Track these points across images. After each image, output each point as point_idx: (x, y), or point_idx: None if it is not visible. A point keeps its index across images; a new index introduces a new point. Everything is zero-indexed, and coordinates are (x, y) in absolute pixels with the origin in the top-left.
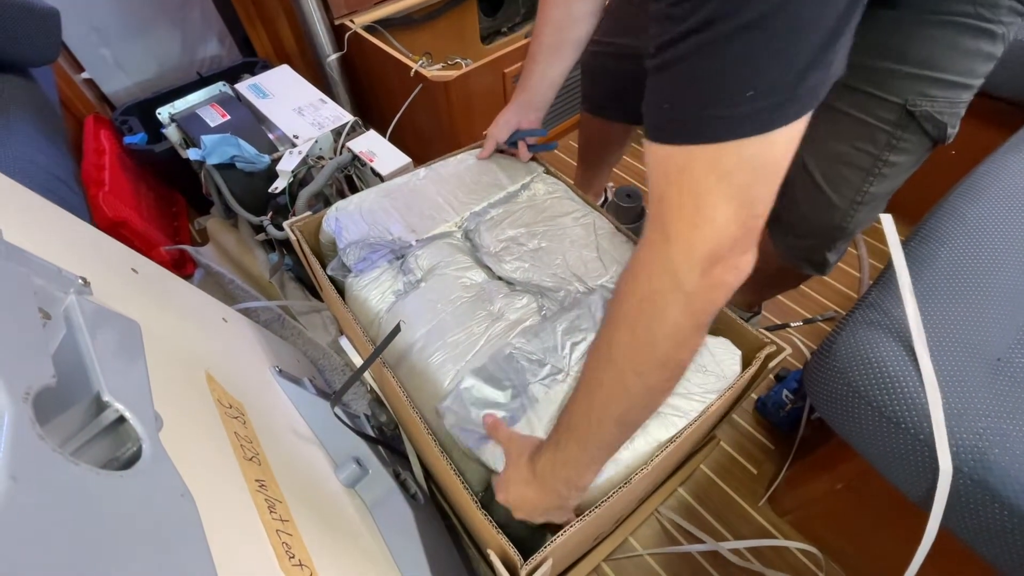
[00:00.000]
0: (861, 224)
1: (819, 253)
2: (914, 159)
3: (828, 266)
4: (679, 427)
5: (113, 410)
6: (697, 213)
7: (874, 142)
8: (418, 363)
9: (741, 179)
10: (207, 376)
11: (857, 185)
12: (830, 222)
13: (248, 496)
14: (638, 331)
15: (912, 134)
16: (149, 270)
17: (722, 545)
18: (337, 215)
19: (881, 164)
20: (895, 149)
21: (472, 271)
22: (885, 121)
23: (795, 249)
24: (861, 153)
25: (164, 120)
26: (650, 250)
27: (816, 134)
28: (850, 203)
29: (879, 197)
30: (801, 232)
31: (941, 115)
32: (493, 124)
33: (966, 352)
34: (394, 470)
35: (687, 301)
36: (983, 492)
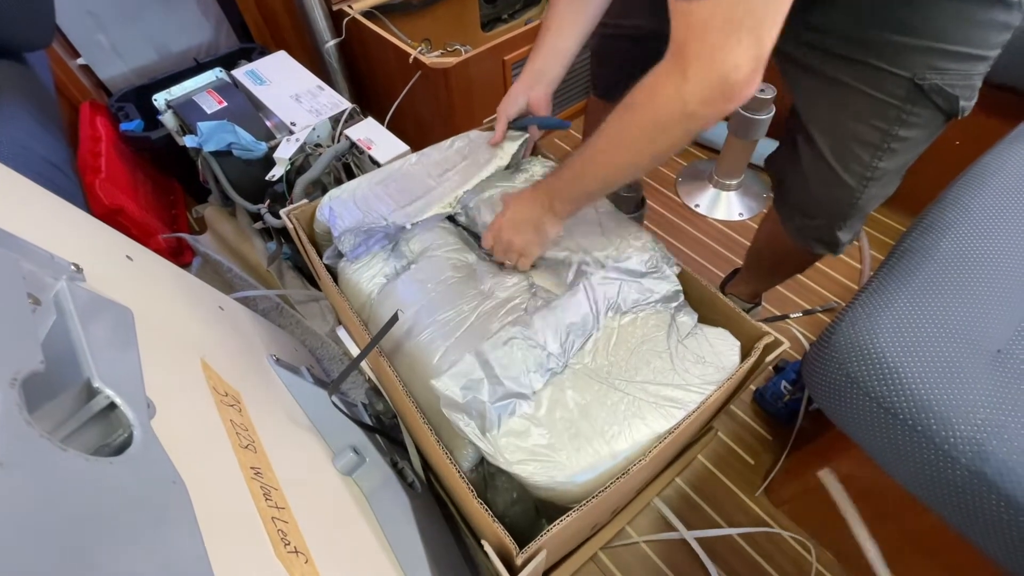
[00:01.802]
0: (872, 200)
1: (830, 232)
2: (926, 134)
3: (840, 245)
4: (678, 419)
5: (104, 396)
6: (714, 58)
7: (883, 117)
8: (408, 343)
9: (752, 23)
10: (202, 363)
11: (867, 161)
12: (840, 199)
13: (243, 484)
14: (642, 134)
15: (923, 108)
16: (144, 257)
17: (715, 532)
18: (331, 204)
19: (891, 139)
20: (905, 124)
21: (463, 252)
22: (894, 96)
23: (806, 229)
24: (870, 128)
25: (160, 107)
26: (667, 82)
27: (825, 110)
28: (860, 179)
29: (889, 172)
30: (811, 211)
31: (953, 88)
32: (504, 100)
33: (966, 344)
34: (391, 459)
35: (690, 123)
36: (980, 483)
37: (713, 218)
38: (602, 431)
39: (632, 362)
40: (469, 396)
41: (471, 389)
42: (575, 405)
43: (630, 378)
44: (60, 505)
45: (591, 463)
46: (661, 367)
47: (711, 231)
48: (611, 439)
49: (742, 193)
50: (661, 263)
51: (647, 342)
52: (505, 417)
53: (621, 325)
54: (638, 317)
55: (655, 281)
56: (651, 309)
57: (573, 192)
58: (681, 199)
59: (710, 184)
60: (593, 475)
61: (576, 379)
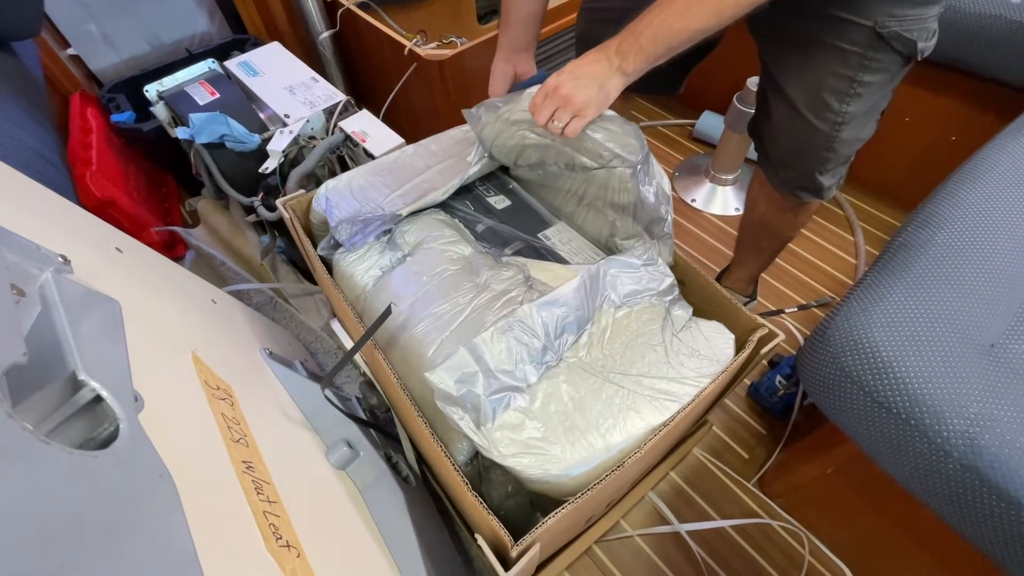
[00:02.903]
0: (848, 143)
1: (812, 178)
2: (888, 76)
3: (824, 190)
4: (672, 412)
5: (89, 389)
6: None
7: (848, 65)
8: (403, 335)
9: None
10: (194, 357)
11: (836, 107)
12: (816, 145)
13: (234, 477)
14: None
15: (883, 54)
16: (134, 250)
17: (707, 525)
18: (327, 194)
19: (856, 85)
20: (868, 69)
21: (459, 245)
22: (857, 43)
23: (789, 180)
24: (837, 77)
25: (152, 98)
26: None
27: (795, 65)
28: (831, 124)
29: (858, 115)
30: (791, 161)
31: (910, 33)
32: (490, 80)
33: (960, 338)
34: (386, 453)
35: None
36: (972, 477)
37: (709, 213)
38: (596, 424)
39: (627, 355)
40: (463, 389)
41: (465, 382)
42: (569, 398)
43: (625, 371)
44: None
45: (585, 456)
46: (655, 360)
47: (707, 226)
48: (605, 432)
49: (738, 188)
50: (656, 256)
51: (642, 335)
52: (499, 410)
53: (616, 318)
54: (633, 310)
55: (651, 274)
56: (646, 302)
57: (653, 48)
58: (677, 194)
59: (706, 179)
60: (587, 468)
61: (570, 372)
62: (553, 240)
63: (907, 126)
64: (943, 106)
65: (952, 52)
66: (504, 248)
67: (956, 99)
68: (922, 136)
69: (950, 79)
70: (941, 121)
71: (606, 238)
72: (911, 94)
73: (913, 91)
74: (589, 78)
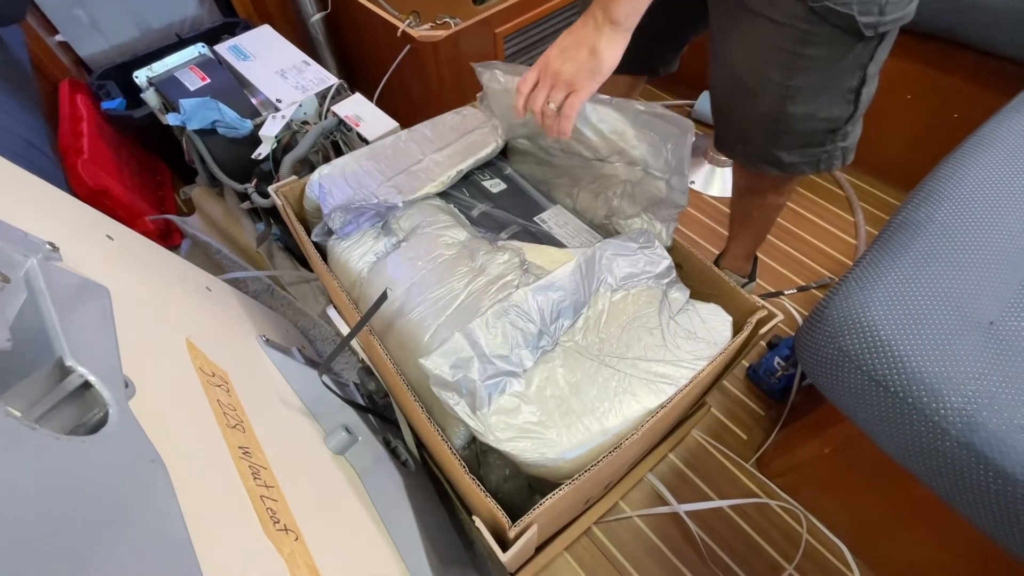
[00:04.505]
0: (802, 120)
1: (770, 152)
2: (835, 51)
3: (784, 164)
4: (668, 394)
5: (77, 375)
6: None
7: (789, 39)
8: (398, 321)
9: None
10: (188, 343)
11: (779, 81)
12: (765, 118)
13: (231, 463)
14: None
15: (822, 28)
16: (126, 237)
17: (705, 505)
18: (320, 180)
19: (799, 58)
20: (809, 43)
21: (454, 230)
22: (795, 18)
23: (748, 154)
24: (779, 51)
25: (142, 84)
26: None
27: (737, 36)
28: (777, 98)
29: (807, 90)
30: (745, 136)
31: (846, 7)
32: None
33: (959, 316)
34: (384, 438)
35: None
36: (969, 454)
37: (708, 195)
38: (593, 408)
39: (623, 339)
40: (459, 375)
41: (461, 368)
42: (565, 382)
43: (621, 355)
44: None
45: (582, 440)
46: (652, 343)
47: (706, 207)
48: (602, 416)
49: None
50: (654, 239)
51: (638, 319)
52: (495, 395)
53: (612, 302)
54: (629, 294)
55: (648, 256)
56: (643, 285)
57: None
58: None
59: (705, 160)
60: (584, 451)
61: (567, 356)
62: (549, 223)
63: (908, 103)
64: (945, 82)
65: (954, 26)
66: (500, 233)
67: (958, 75)
68: (924, 113)
69: (952, 54)
70: (943, 98)
71: (603, 219)
72: (912, 70)
73: (915, 67)
74: (575, 46)
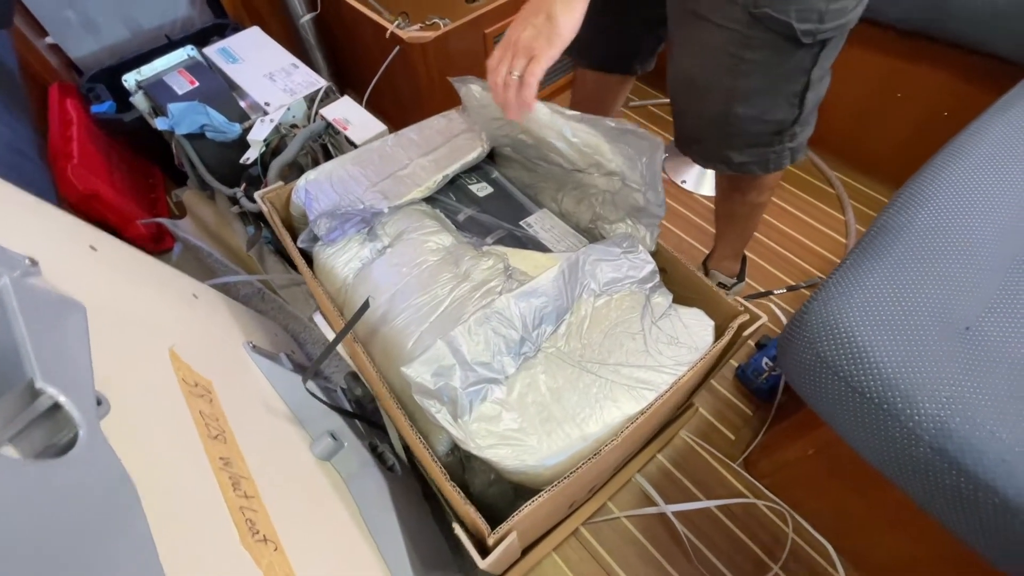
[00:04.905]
0: (749, 121)
1: (721, 152)
2: (776, 56)
3: (734, 163)
4: (649, 400)
5: (47, 396)
6: None
7: (732, 42)
8: (383, 328)
9: None
10: (171, 353)
11: (726, 83)
12: (714, 119)
13: (211, 474)
14: None
15: (762, 33)
16: (110, 247)
17: (692, 505)
18: (307, 186)
19: (741, 62)
20: (750, 47)
21: (439, 235)
22: (737, 22)
23: (703, 155)
24: (722, 52)
25: (131, 87)
26: None
27: (690, 43)
28: (724, 100)
29: (751, 92)
30: (697, 135)
31: (784, 14)
32: None
33: (935, 321)
34: (371, 443)
35: None
36: (942, 460)
37: (700, 194)
38: (573, 414)
39: (605, 344)
40: (440, 383)
41: (442, 375)
42: (547, 389)
43: (603, 360)
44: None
45: (562, 446)
46: (634, 349)
47: (697, 207)
48: (582, 422)
49: None
50: (637, 243)
51: (621, 324)
52: (477, 402)
53: (595, 307)
54: (612, 299)
55: (631, 261)
56: (626, 290)
57: None
58: (667, 175)
59: None
60: (564, 458)
61: (548, 362)
62: (535, 228)
63: (898, 101)
64: (935, 80)
65: (937, 23)
66: (486, 237)
67: (948, 73)
68: (914, 112)
69: (938, 52)
70: (933, 96)
71: (588, 223)
72: (901, 68)
73: (903, 65)
74: (533, 12)
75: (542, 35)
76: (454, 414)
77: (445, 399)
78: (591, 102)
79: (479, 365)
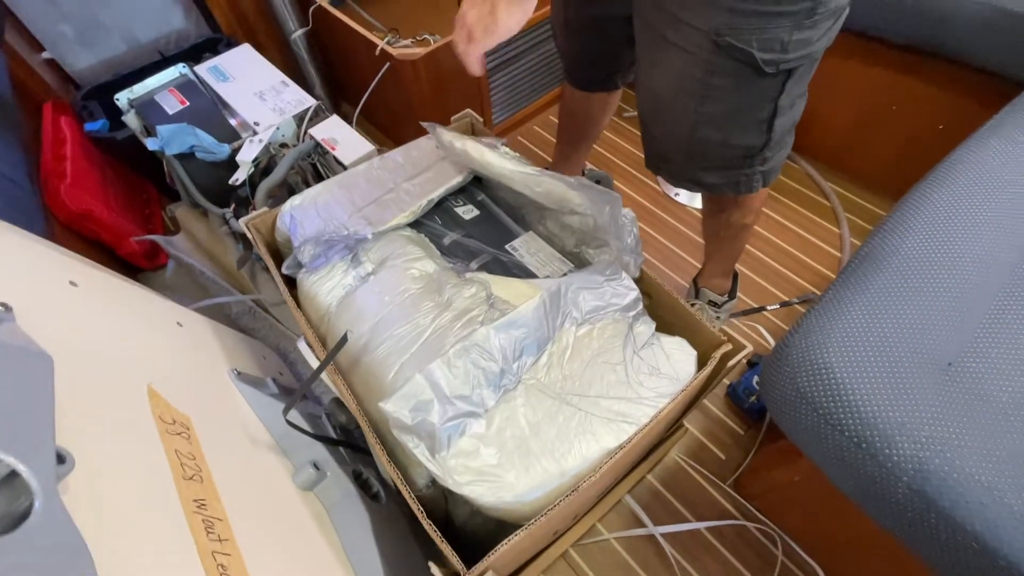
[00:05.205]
0: (714, 146)
1: (690, 172)
2: (740, 82)
3: (705, 184)
4: (629, 434)
5: (3, 465)
6: None
7: (697, 67)
8: (365, 358)
9: None
10: (149, 391)
11: (692, 107)
12: (679, 140)
13: (183, 519)
14: None
15: (725, 60)
16: (91, 281)
17: (681, 527)
18: (292, 211)
19: (706, 88)
20: (715, 74)
21: (422, 262)
22: (701, 48)
23: (672, 175)
24: (689, 78)
25: (123, 106)
26: None
27: (657, 66)
28: (689, 124)
29: (717, 118)
30: (668, 156)
31: (747, 44)
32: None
33: (917, 357)
34: (356, 469)
35: None
36: (920, 501)
37: (693, 207)
38: (552, 449)
39: (586, 376)
40: (419, 418)
41: (420, 411)
42: (526, 422)
43: (583, 392)
44: None
45: (540, 482)
46: (615, 380)
47: (692, 221)
48: (560, 457)
49: None
50: (620, 270)
51: (603, 353)
52: (455, 437)
53: (577, 337)
54: (595, 328)
55: (614, 288)
56: (609, 318)
57: None
58: (661, 188)
59: None
60: (542, 493)
61: (528, 395)
62: (520, 251)
63: (894, 115)
64: (930, 94)
65: (937, 39)
66: (470, 262)
67: (943, 88)
68: (909, 124)
69: (931, 66)
70: (928, 109)
71: (573, 248)
72: (895, 81)
73: (897, 78)
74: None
75: (481, 24)
76: (432, 449)
77: (423, 434)
78: (578, 119)
79: (458, 398)
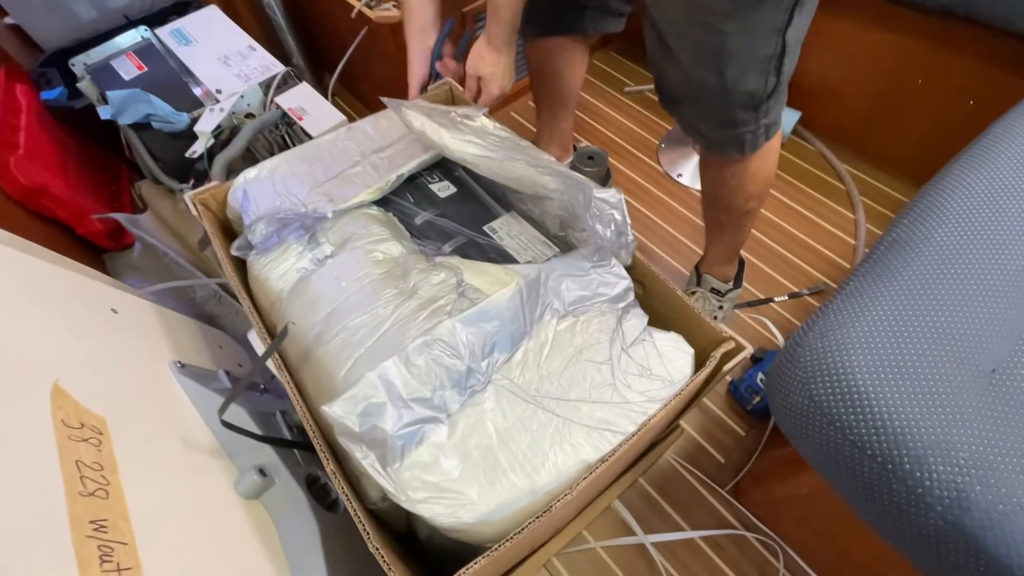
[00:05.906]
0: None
1: (695, 121)
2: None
3: (711, 141)
4: (613, 444)
5: None
6: None
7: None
8: (316, 351)
9: None
10: (54, 390)
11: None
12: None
13: (67, 546)
14: None
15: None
16: (9, 270)
17: (675, 536)
18: (245, 186)
19: (711, 15)
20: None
21: (388, 244)
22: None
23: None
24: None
25: (79, 72)
26: None
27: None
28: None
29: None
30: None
31: None
32: (411, 63)
33: (955, 363)
34: (312, 474)
35: None
36: (958, 536)
37: (696, 189)
38: (523, 461)
39: (566, 376)
40: (368, 424)
41: (371, 415)
42: (495, 430)
43: (562, 395)
44: None
45: (507, 499)
46: (599, 382)
47: (693, 203)
48: (532, 471)
49: None
50: (610, 256)
51: (587, 350)
52: (411, 446)
53: (558, 331)
54: (579, 321)
55: (602, 276)
56: (595, 310)
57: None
58: (663, 168)
59: (694, 152)
60: (508, 512)
61: (499, 397)
62: (500, 233)
63: (919, 89)
64: (960, 65)
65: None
66: (443, 244)
67: (974, 57)
68: (936, 100)
69: (966, 33)
70: (958, 83)
71: (558, 230)
72: (922, 52)
73: (925, 48)
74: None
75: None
76: (383, 460)
77: (373, 443)
78: (545, 75)
79: (416, 401)
